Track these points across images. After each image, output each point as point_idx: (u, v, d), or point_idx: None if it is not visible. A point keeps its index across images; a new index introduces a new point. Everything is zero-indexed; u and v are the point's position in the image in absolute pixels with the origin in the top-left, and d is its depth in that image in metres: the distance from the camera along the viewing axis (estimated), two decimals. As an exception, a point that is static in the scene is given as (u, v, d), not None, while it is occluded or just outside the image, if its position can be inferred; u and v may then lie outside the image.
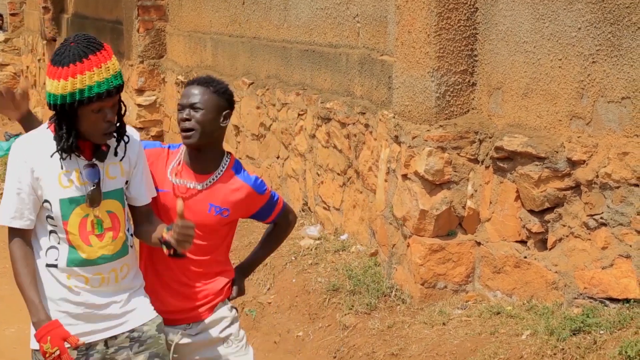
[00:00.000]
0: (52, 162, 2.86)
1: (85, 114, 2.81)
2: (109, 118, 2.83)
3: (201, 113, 3.08)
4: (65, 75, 2.76)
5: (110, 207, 2.93)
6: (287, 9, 6.88)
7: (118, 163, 2.96)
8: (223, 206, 3.15)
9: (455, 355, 4.10)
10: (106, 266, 2.93)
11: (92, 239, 2.89)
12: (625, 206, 3.91)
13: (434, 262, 4.70)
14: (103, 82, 2.79)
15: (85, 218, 2.88)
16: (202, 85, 3.13)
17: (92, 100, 2.78)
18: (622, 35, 3.87)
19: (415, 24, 4.76)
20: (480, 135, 4.68)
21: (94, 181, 2.87)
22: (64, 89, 2.77)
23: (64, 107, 2.79)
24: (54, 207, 2.86)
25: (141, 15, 9.39)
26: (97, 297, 2.94)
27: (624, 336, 3.63)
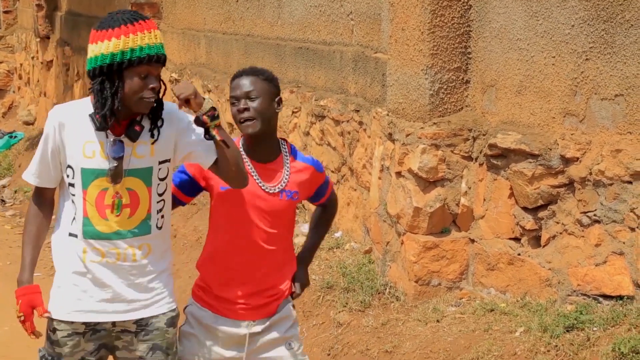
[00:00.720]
0: (80, 130, 2.85)
1: (132, 77, 2.78)
2: (153, 85, 2.81)
3: (258, 101, 3.07)
4: (117, 34, 2.75)
5: (131, 185, 2.88)
6: (281, 6, 6.87)
7: (149, 143, 2.90)
8: (292, 189, 3.16)
9: (449, 352, 4.10)
10: (122, 242, 2.89)
11: (108, 213, 2.87)
12: (619, 203, 3.92)
13: (427, 259, 4.70)
14: (153, 46, 2.79)
15: (104, 191, 2.86)
16: (251, 74, 3.12)
17: (142, 62, 2.77)
18: (615, 32, 3.88)
19: (409, 21, 4.76)
20: (474, 132, 4.68)
21: (116, 157, 2.83)
22: (116, 47, 2.75)
23: (112, 67, 2.76)
24: (76, 175, 2.86)
25: (135, 12, 9.36)
26: (111, 276, 2.90)
27: (617, 333, 3.64)
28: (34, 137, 12.72)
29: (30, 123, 14.18)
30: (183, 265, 6.40)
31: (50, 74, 13.43)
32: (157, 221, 2.95)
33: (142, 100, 2.81)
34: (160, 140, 2.91)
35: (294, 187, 3.16)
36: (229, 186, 3.05)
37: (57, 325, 2.94)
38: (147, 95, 2.80)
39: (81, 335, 2.93)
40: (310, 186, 3.25)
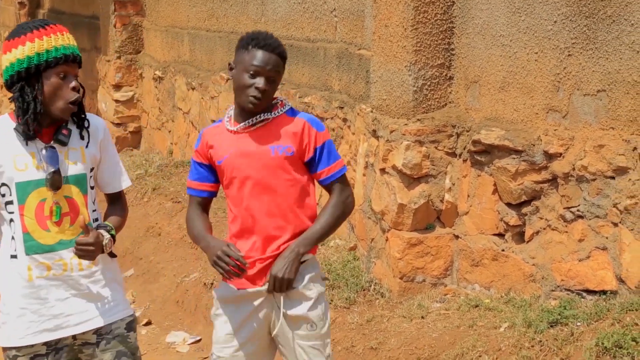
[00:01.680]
0: (7, 146, 2.82)
1: (50, 79, 2.78)
2: (74, 85, 2.80)
3: (273, 86, 3.04)
4: (31, 39, 2.77)
5: (68, 193, 2.86)
6: (265, 3, 6.86)
7: (79, 149, 2.90)
8: (285, 144, 3.04)
9: (433, 349, 4.11)
10: (66, 252, 2.85)
11: (49, 224, 2.83)
12: (602, 198, 3.93)
13: (412, 255, 4.71)
14: (68, 47, 2.81)
15: (43, 202, 2.83)
16: (279, 54, 3.04)
17: (59, 62, 2.78)
18: (598, 28, 3.89)
19: (392, 18, 4.76)
20: (457, 128, 4.69)
21: (54, 165, 2.82)
22: (31, 50, 2.76)
23: (30, 70, 2.76)
24: (12, 191, 2.82)
25: (118, 10, 9.33)
26: (60, 290, 2.87)
27: (600, 327, 3.65)
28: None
29: (14, 121, 14.09)
30: (167, 264, 6.38)
31: (33, 72, 13.35)
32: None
33: (63, 101, 2.80)
34: (90, 146, 2.92)
35: (287, 141, 3.05)
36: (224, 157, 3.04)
37: (18, 352, 2.86)
38: (69, 97, 2.80)
39: (44, 356, 2.88)
40: (308, 141, 3.07)
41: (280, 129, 3.07)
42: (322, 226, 3.09)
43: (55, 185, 2.82)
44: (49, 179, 2.81)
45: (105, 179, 3.02)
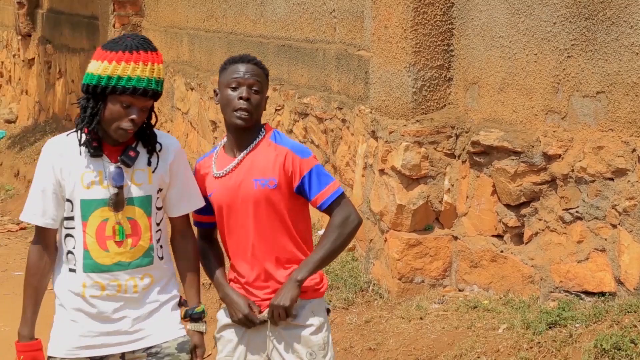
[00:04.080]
0: (76, 161, 2.81)
1: (113, 103, 2.76)
2: (133, 117, 2.76)
3: (259, 96, 3.01)
4: (110, 59, 2.74)
5: (131, 214, 2.83)
6: (264, 4, 6.86)
7: (147, 170, 2.86)
8: (267, 177, 2.99)
9: (432, 350, 4.11)
10: (123, 274, 2.82)
11: (109, 244, 2.81)
12: (601, 200, 3.93)
13: (411, 256, 4.71)
14: (143, 80, 2.75)
15: (105, 222, 2.81)
16: (253, 63, 3.03)
17: (125, 92, 2.74)
18: (597, 29, 3.90)
19: (391, 19, 4.76)
20: (456, 129, 4.69)
21: (119, 184, 2.80)
22: (105, 71, 2.74)
23: (97, 89, 2.75)
24: (75, 207, 2.81)
25: (117, 10, 9.33)
26: (112, 309, 2.84)
27: (599, 329, 3.65)
28: (16, 136, 12.66)
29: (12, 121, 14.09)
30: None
31: (32, 72, 13.36)
32: (158, 251, 2.90)
33: (118, 129, 2.78)
34: (158, 169, 2.88)
35: (269, 174, 2.99)
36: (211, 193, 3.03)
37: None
38: (125, 126, 2.77)
39: None
40: (293, 172, 3.00)
41: (263, 159, 3.02)
42: (320, 253, 3.04)
43: (118, 205, 2.80)
44: (112, 199, 2.80)
45: (171, 202, 2.95)
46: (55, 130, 11.64)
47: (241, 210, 3.02)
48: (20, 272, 7.55)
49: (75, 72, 11.22)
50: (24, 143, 11.94)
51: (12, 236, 8.83)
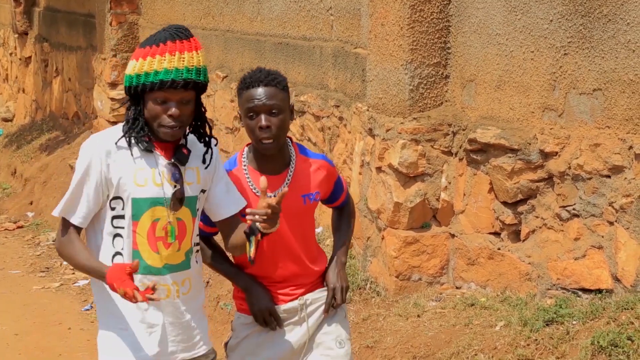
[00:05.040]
0: (126, 158, 2.68)
1: (149, 102, 2.65)
2: (172, 112, 2.63)
3: (280, 117, 2.90)
4: (140, 56, 2.65)
5: (180, 214, 2.72)
6: (261, 1, 6.85)
7: (195, 169, 2.76)
8: (313, 191, 3.05)
9: (429, 347, 4.11)
10: (169, 277, 2.72)
11: (159, 245, 2.70)
12: (597, 197, 3.94)
13: (408, 254, 4.71)
14: (171, 71, 2.62)
15: (156, 222, 2.69)
16: (270, 84, 2.92)
17: (154, 87, 2.62)
18: (593, 27, 3.90)
19: (388, 16, 4.76)
20: (453, 127, 4.69)
21: (177, 180, 2.68)
22: (133, 70, 2.65)
23: (131, 90, 2.66)
24: (126, 206, 2.68)
25: (114, 8, 9.32)
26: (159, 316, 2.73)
27: (596, 326, 3.66)
28: (13, 134, 12.64)
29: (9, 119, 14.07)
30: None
31: (29, 70, 13.34)
32: (195, 255, 2.82)
33: (160, 127, 2.66)
34: (208, 168, 2.79)
35: (315, 187, 3.06)
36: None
37: None
38: (165, 122, 2.65)
39: None
40: (328, 182, 3.12)
41: (305, 175, 3.04)
42: (347, 236, 3.24)
43: (178, 204, 2.69)
44: (172, 197, 2.68)
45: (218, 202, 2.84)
46: (52, 128, 11.63)
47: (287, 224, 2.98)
48: (17, 270, 7.55)
49: (72, 70, 11.20)
50: (21, 141, 11.92)
51: (9, 235, 8.82)
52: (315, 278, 3.14)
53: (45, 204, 9.08)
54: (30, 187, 10.07)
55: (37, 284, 7.11)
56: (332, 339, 3.10)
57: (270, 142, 2.92)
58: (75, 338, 5.90)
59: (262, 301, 3.02)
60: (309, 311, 3.10)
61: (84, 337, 5.79)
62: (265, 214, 2.67)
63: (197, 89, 2.70)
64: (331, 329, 3.12)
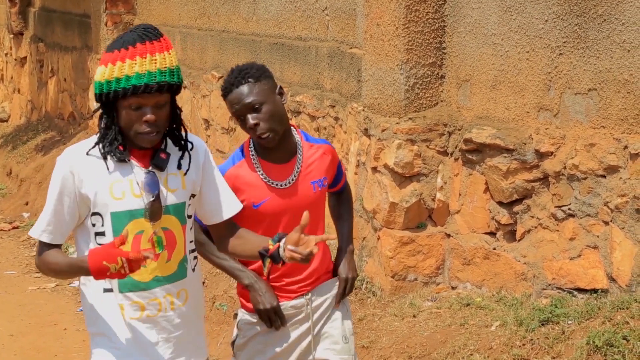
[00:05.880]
0: (101, 171, 2.56)
1: (123, 109, 2.51)
2: (147, 118, 2.49)
3: (264, 109, 2.90)
4: (108, 61, 2.51)
5: (166, 224, 2.59)
6: (256, 2, 6.85)
7: (179, 174, 2.63)
8: (321, 177, 3.06)
9: (425, 347, 4.11)
10: (160, 290, 2.60)
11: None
12: (593, 197, 3.94)
13: (404, 254, 4.71)
14: (144, 75, 2.48)
15: (140, 235, 2.56)
16: (241, 83, 2.92)
17: (126, 93, 2.47)
18: (588, 27, 3.90)
19: (383, 16, 4.76)
20: (449, 127, 4.69)
21: (154, 192, 2.55)
22: (103, 76, 2.50)
23: (101, 98, 2.52)
24: (105, 222, 2.56)
25: (109, 8, 9.31)
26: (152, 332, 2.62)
27: (591, 326, 3.66)
28: (8, 135, 12.63)
29: (4, 120, 14.06)
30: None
31: (24, 71, 13.32)
32: (191, 263, 2.70)
33: (137, 135, 2.53)
34: (190, 172, 2.66)
35: (322, 173, 3.08)
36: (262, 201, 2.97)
37: None
38: (142, 129, 2.51)
39: None
40: (334, 166, 3.14)
41: (312, 161, 3.07)
42: (351, 221, 3.28)
43: (156, 215, 2.56)
44: (148, 209, 2.55)
45: (210, 207, 2.74)
46: (48, 129, 11.61)
47: (298, 212, 2.95)
48: (13, 271, 7.54)
49: (67, 70, 11.19)
50: (16, 142, 11.91)
51: (4, 235, 8.81)
52: (322, 272, 3.15)
53: (41, 204, 9.06)
54: (25, 188, 10.06)
55: (32, 284, 7.10)
56: (338, 333, 3.12)
57: (267, 135, 2.93)
58: (70, 339, 5.89)
59: (267, 300, 3.02)
60: (314, 306, 3.11)
61: (80, 338, 5.78)
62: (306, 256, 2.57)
63: (171, 91, 2.57)
64: (337, 324, 3.14)
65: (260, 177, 3.00)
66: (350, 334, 3.16)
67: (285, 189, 3.01)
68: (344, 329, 3.14)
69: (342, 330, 3.13)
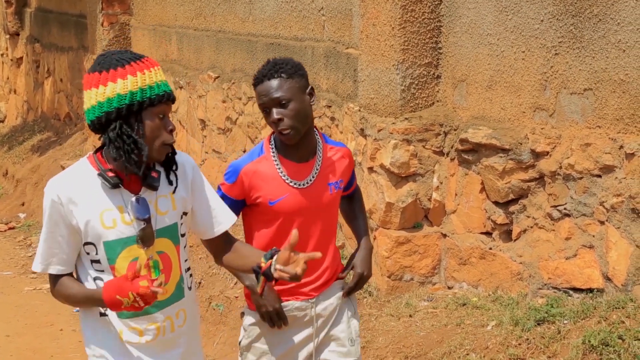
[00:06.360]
0: (91, 199, 2.50)
1: (150, 118, 2.46)
2: (172, 127, 2.50)
3: (291, 105, 2.90)
4: (123, 74, 2.44)
5: (160, 247, 2.56)
6: (253, 2, 6.85)
7: (169, 195, 2.59)
8: (338, 179, 3.07)
9: (421, 347, 4.11)
10: (160, 314, 2.59)
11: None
12: (588, 197, 3.95)
13: (400, 254, 4.71)
14: (161, 84, 2.49)
15: (135, 262, 2.52)
16: (274, 75, 2.92)
17: (161, 100, 2.46)
18: (584, 27, 3.91)
19: (379, 16, 4.76)
20: (445, 127, 4.70)
21: (144, 217, 2.51)
22: (134, 85, 2.44)
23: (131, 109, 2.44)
24: (99, 250, 2.52)
25: (105, 9, 9.31)
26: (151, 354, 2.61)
27: (587, 326, 3.67)
28: (4, 135, 12.61)
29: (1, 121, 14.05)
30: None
31: (20, 71, 13.32)
32: (187, 281, 2.68)
33: (162, 146, 2.50)
34: (179, 190, 2.62)
35: (339, 176, 3.08)
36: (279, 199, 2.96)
37: None
38: (167, 139, 2.50)
39: None
40: (350, 169, 3.15)
41: (331, 163, 3.07)
42: (366, 221, 3.31)
43: (148, 241, 2.53)
44: (140, 235, 2.52)
45: (204, 223, 2.71)
46: (44, 129, 11.61)
47: (313, 213, 3.02)
48: (9, 272, 7.53)
49: (63, 71, 11.19)
50: (12, 142, 11.90)
51: (0, 236, 8.80)
52: (330, 276, 3.15)
53: (37, 205, 9.06)
54: (21, 188, 10.05)
55: (28, 285, 7.10)
56: (345, 336, 3.13)
57: (288, 131, 2.92)
58: (67, 339, 5.89)
59: (269, 302, 3.02)
60: (318, 312, 3.11)
61: (76, 338, 5.77)
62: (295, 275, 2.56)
63: None
64: (344, 326, 3.14)
65: (279, 174, 3.00)
66: (356, 335, 3.16)
67: (303, 189, 3.01)
68: (350, 331, 3.14)
69: (349, 333, 3.14)
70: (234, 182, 3.00)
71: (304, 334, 3.11)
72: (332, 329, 3.14)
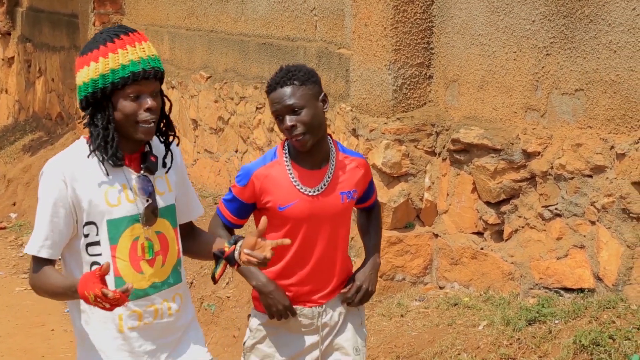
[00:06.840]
0: (95, 178, 2.48)
1: (122, 102, 2.44)
2: (149, 105, 2.45)
3: (304, 112, 2.89)
4: (95, 57, 2.44)
5: (159, 227, 2.55)
6: (245, 2, 6.85)
7: (164, 177, 2.59)
8: (351, 189, 3.04)
9: (413, 347, 4.12)
10: (157, 296, 2.56)
11: (143, 265, 2.52)
12: (579, 197, 3.96)
13: (392, 254, 4.72)
14: (139, 61, 2.43)
15: (136, 241, 2.51)
16: (286, 84, 2.92)
17: (127, 82, 2.42)
18: (575, 27, 3.92)
19: (371, 17, 4.77)
20: (437, 127, 4.70)
21: (149, 193, 2.50)
22: (95, 72, 2.43)
23: (96, 96, 2.43)
24: (101, 231, 2.49)
25: (97, 8, 9.28)
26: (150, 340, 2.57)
27: (578, 325, 3.68)
28: (-4, 135, 12.57)
29: (-8, 120, 14.00)
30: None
31: (12, 71, 13.27)
32: (181, 266, 2.66)
33: (139, 125, 2.46)
34: (171, 173, 2.63)
35: (352, 186, 3.05)
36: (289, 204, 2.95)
37: None
38: (144, 117, 2.45)
39: None
40: (365, 180, 3.12)
41: (344, 173, 3.05)
42: (380, 238, 3.25)
43: (152, 219, 2.52)
44: (144, 213, 2.50)
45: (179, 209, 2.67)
46: (36, 129, 11.57)
47: (322, 221, 3.00)
48: (0, 272, 7.51)
49: (55, 70, 11.16)
50: (3, 142, 11.86)
51: (-9, 236, 8.77)
52: (338, 284, 3.13)
53: (29, 205, 9.03)
54: (13, 188, 10.02)
55: (20, 285, 7.07)
56: (350, 345, 3.12)
57: (301, 138, 2.91)
58: (58, 339, 5.88)
59: (279, 302, 3.01)
60: (324, 321, 3.10)
61: (67, 339, 5.76)
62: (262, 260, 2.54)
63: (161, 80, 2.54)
64: (349, 335, 3.13)
65: (291, 180, 2.99)
66: (362, 345, 3.15)
67: (313, 196, 2.99)
68: (355, 340, 3.13)
69: (354, 342, 3.13)
70: (245, 185, 3.00)
71: (310, 341, 3.10)
72: (337, 338, 3.13)
